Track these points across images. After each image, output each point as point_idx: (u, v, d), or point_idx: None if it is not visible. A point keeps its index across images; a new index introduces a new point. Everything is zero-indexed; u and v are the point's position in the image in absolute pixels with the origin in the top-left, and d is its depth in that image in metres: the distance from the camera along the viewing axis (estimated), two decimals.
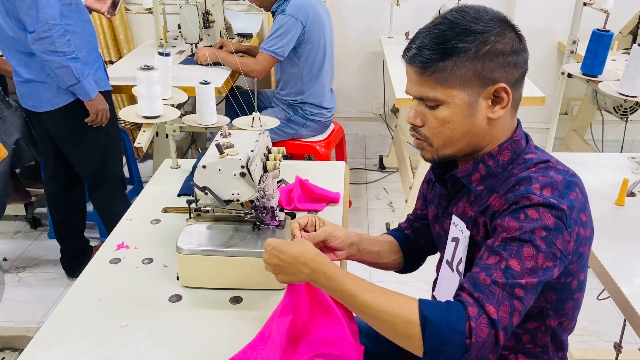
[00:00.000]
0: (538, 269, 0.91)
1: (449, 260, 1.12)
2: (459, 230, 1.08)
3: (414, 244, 1.33)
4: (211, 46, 2.98)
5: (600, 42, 1.68)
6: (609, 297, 1.36)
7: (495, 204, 1.00)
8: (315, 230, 1.20)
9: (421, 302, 0.91)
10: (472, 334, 0.86)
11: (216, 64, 2.87)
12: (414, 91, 1.03)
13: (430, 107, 1.02)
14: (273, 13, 2.79)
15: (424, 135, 1.05)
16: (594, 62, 1.70)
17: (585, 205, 1.00)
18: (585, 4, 1.84)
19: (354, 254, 1.26)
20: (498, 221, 0.96)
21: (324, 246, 1.21)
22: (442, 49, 0.97)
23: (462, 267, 1.07)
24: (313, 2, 2.75)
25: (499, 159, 1.04)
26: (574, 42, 1.81)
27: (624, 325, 1.77)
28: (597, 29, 1.72)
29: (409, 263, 1.33)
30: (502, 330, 0.88)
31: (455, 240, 1.10)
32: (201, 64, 2.90)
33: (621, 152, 2.86)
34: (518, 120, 1.09)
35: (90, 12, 2.33)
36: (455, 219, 1.10)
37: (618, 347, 1.79)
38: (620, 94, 1.61)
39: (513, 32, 1.00)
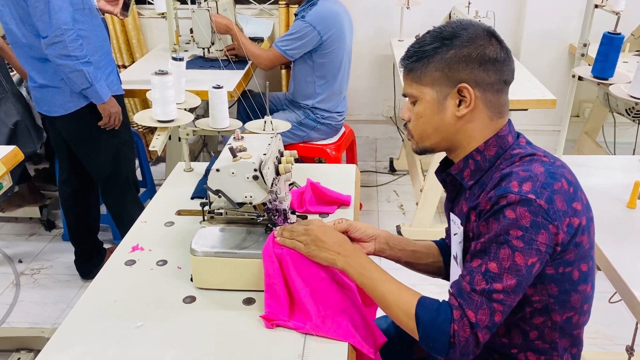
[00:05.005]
0: (518, 267, 0.98)
1: (455, 256, 1.17)
2: (457, 226, 1.14)
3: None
4: (227, 48, 3.00)
5: (611, 44, 1.68)
6: (620, 300, 1.36)
7: (483, 202, 1.04)
8: None
9: (419, 302, 1.04)
10: (455, 334, 0.99)
11: (229, 67, 2.89)
12: (403, 90, 1.18)
13: (412, 104, 1.15)
14: (296, 16, 2.80)
15: (408, 129, 1.18)
16: (604, 65, 1.69)
17: (575, 195, 1.04)
18: (596, 6, 1.83)
19: (383, 249, 1.33)
20: (482, 223, 1.03)
21: (347, 236, 1.30)
22: (417, 52, 1.11)
23: (459, 261, 1.14)
24: (337, 11, 2.74)
25: (486, 154, 1.11)
26: (585, 45, 1.81)
27: (637, 328, 1.76)
28: (608, 32, 1.71)
29: (448, 270, 1.35)
30: (483, 329, 0.99)
31: (455, 235, 1.15)
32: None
33: (633, 154, 2.85)
34: (509, 120, 1.15)
35: (103, 14, 2.36)
36: (453, 216, 1.17)
37: (630, 350, 1.79)
38: (632, 96, 1.61)
39: (492, 42, 1.09)
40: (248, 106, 2.83)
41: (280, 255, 1.19)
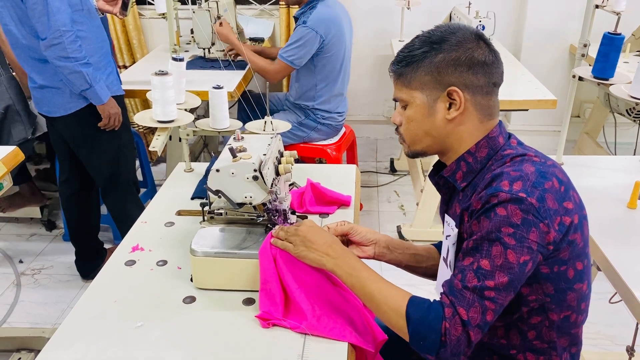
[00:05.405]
0: (511, 264, 0.98)
1: (445, 257, 1.17)
2: (450, 228, 1.14)
3: None
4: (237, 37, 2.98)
5: (611, 45, 1.67)
6: (621, 300, 1.36)
7: (474, 202, 1.05)
8: None
9: (410, 300, 1.04)
10: (446, 333, 0.98)
11: (229, 67, 2.90)
12: (393, 94, 1.18)
13: (403, 108, 1.16)
14: (296, 19, 2.80)
15: (400, 133, 1.19)
16: (605, 65, 1.69)
17: (566, 193, 1.05)
18: (597, 7, 1.83)
19: (384, 254, 1.33)
20: (474, 221, 1.03)
21: (347, 240, 1.32)
22: (406, 57, 1.13)
23: (451, 263, 1.14)
24: (336, 14, 2.74)
25: (477, 156, 1.12)
26: (585, 46, 1.81)
27: (637, 329, 1.76)
28: (608, 32, 1.71)
29: None
30: (475, 328, 0.98)
31: (448, 237, 1.15)
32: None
33: (634, 154, 2.85)
34: (500, 121, 1.16)
35: (103, 14, 2.36)
36: (447, 218, 1.17)
37: (630, 350, 1.79)
38: (632, 97, 1.60)
39: (481, 45, 1.10)
40: (248, 106, 2.83)
41: (275, 255, 1.19)
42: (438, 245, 1.38)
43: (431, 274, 1.35)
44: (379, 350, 1.18)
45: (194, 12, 2.94)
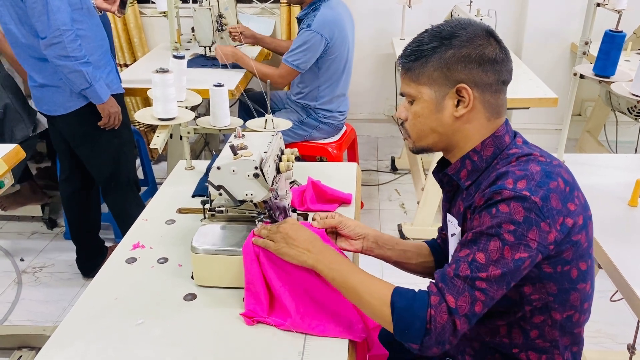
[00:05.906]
0: (506, 260, 0.97)
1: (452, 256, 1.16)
2: (454, 226, 1.14)
3: (443, 252, 1.36)
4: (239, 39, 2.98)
5: (612, 43, 1.67)
6: (622, 298, 1.36)
7: (477, 199, 1.04)
8: None
9: (395, 290, 1.04)
10: (431, 320, 0.97)
11: (230, 65, 2.89)
12: (400, 88, 1.17)
13: (410, 103, 1.14)
14: (299, 21, 2.79)
15: (405, 129, 1.17)
16: (606, 63, 1.69)
17: (571, 194, 1.04)
18: (598, 5, 1.83)
19: (372, 248, 1.33)
20: (476, 216, 1.03)
21: (336, 232, 1.33)
22: (415, 51, 1.10)
23: None
24: (340, 15, 2.74)
25: (483, 154, 1.11)
26: (586, 43, 1.80)
27: (638, 327, 1.76)
28: (610, 30, 1.71)
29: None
30: (462, 317, 0.97)
31: (453, 235, 1.15)
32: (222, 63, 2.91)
33: (635, 152, 2.84)
34: (506, 120, 1.15)
35: (101, 12, 2.35)
36: (450, 217, 1.16)
37: (632, 348, 1.79)
38: (633, 94, 1.60)
39: (491, 42, 1.08)
40: (249, 105, 2.82)
41: (259, 253, 1.20)
42: (430, 243, 1.38)
43: (420, 271, 1.36)
44: (377, 334, 1.18)
45: (194, 10, 2.94)
